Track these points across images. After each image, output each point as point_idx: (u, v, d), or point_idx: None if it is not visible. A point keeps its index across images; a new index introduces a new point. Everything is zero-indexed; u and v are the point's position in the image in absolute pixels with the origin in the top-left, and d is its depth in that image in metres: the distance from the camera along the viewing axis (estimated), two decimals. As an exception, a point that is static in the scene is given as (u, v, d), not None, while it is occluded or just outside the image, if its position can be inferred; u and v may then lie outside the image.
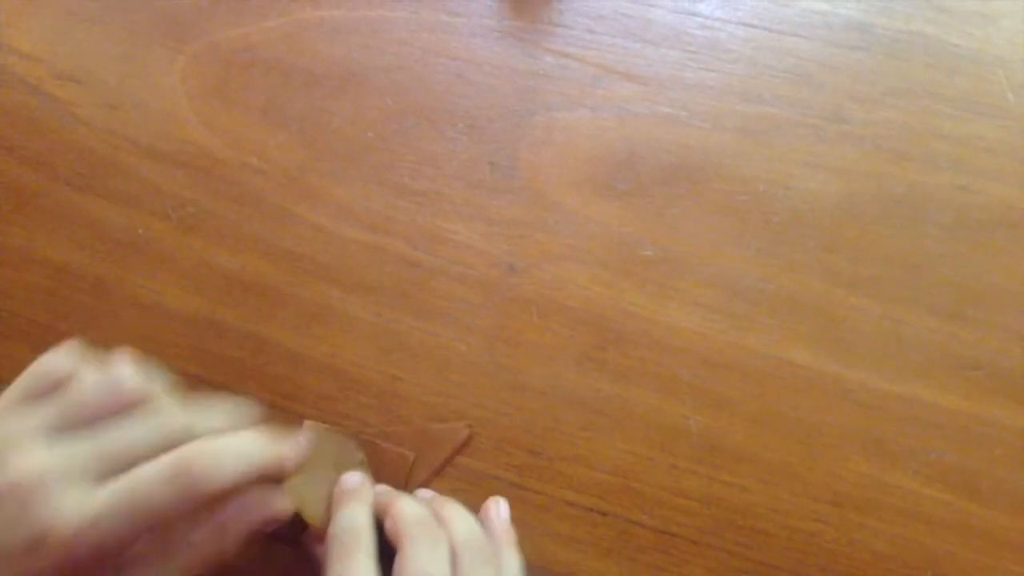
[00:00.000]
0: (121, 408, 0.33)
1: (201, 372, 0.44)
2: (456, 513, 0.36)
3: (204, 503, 0.31)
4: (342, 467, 0.38)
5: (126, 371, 0.33)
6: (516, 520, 0.39)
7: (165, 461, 0.31)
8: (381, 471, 0.40)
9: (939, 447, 0.41)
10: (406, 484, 0.41)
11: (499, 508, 0.39)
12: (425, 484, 0.41)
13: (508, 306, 0.44)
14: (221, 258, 0.45)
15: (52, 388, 0.33)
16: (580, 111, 0.46)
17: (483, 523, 0.37)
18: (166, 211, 0.46)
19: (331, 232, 0.45)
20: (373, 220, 0.45)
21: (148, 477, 0.31)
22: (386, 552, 0.34)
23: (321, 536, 0.35)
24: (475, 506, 0.38)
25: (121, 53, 0.49)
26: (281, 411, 0.43)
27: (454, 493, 0.40)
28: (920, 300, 0.42)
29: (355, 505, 0.35)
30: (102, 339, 0.43)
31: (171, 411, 0.33)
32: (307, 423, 0.41)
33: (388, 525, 0.34)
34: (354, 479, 0.37)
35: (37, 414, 0.32)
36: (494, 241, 0.45)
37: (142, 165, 0.47)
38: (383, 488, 0.38)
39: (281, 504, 0.34)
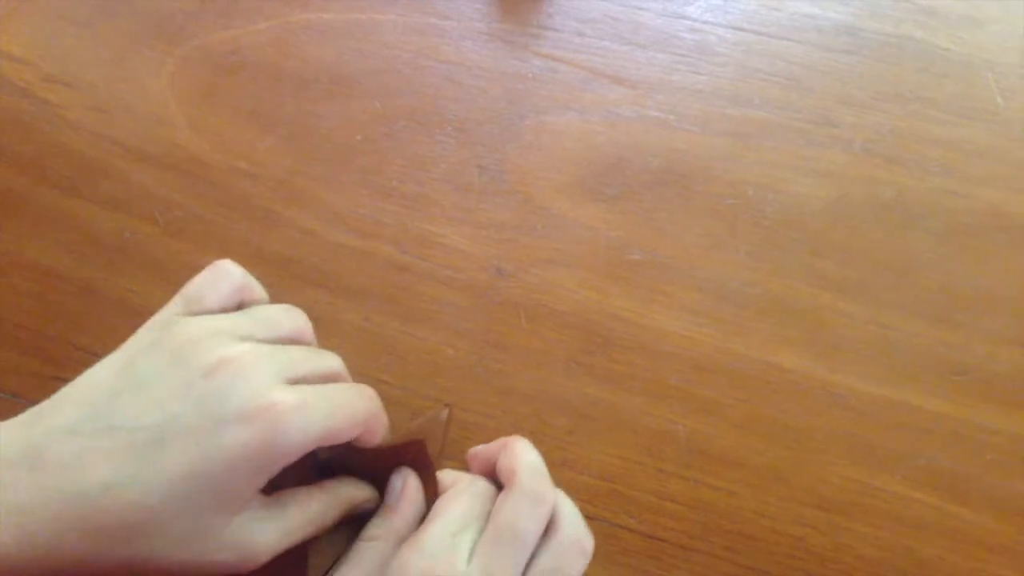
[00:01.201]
0: (299, 339, 0.35)
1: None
2: (566, 500, 0.36)
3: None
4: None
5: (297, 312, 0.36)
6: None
7: (353, 385, 0.35)
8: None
9: (927, 451, 0.41)
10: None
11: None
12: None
13: (496, 310, 0.44)
14: (209, 262, 0.44)
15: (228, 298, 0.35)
16: (569, 114, 0.46)
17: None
18: (154, 215, 0.46)
19: (319, 236, 0.45)
20: (361, 224, 0.45)
21: (345, 390, 0.34)
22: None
23: None
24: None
25: (110, 57, 0.49)
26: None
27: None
28: (908, 305, 0.42)
29: None
30: (90, 343, 0.43)
31: (329, 354, 0.36)
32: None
33: (503, 461, 0.35)
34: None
35: (228, 319, 0.34)
36: (482, 245, 0.45)
37: (130, 169, 0.47)
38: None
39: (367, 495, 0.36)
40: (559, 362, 0.43)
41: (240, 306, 0.36)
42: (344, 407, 0.33)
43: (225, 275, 0.35)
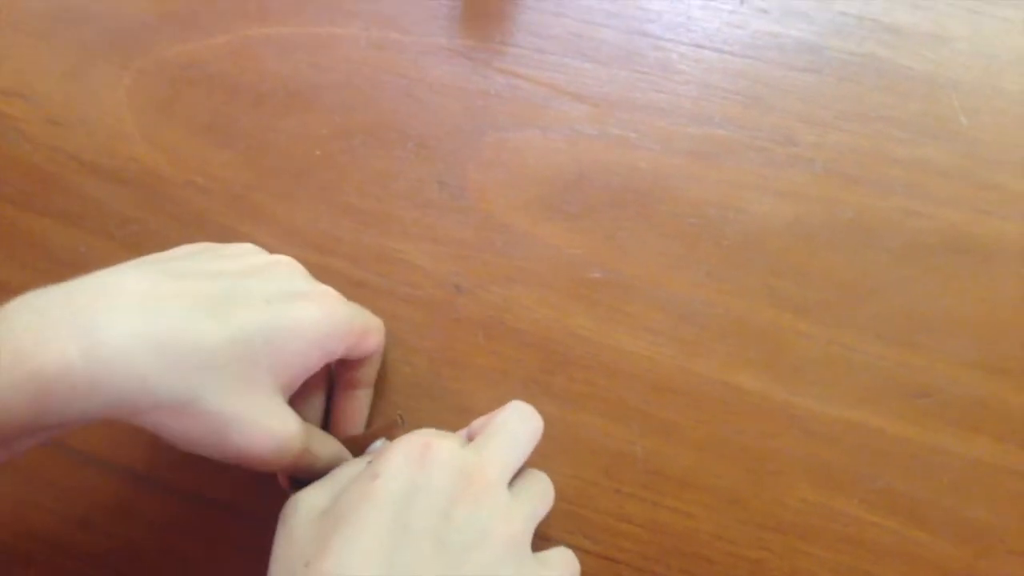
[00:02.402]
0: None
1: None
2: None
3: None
4: None
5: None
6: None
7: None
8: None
9: (886, 475, 0.40)
10: None
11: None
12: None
13: (454, 327, 0.43)
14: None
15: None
16: (530, 131, 0.45)
17: None
18: (109, 229, 0.45)
19: (275, 251, 0.44)
20: (318, 240, 0.45)
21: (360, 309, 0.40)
22: None
23: None
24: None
25: (67, 69, 0.48)
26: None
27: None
28: (869, 326, 0.42)
29: None
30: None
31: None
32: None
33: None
34: None
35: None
36: (441, 262, 0.44)
37: (86, 183, 0.46)
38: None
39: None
40: (517, 381, 0.43)
41: None
42: (369, 316, 0.40)
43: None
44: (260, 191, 0.45)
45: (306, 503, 0.34)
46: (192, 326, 0.31)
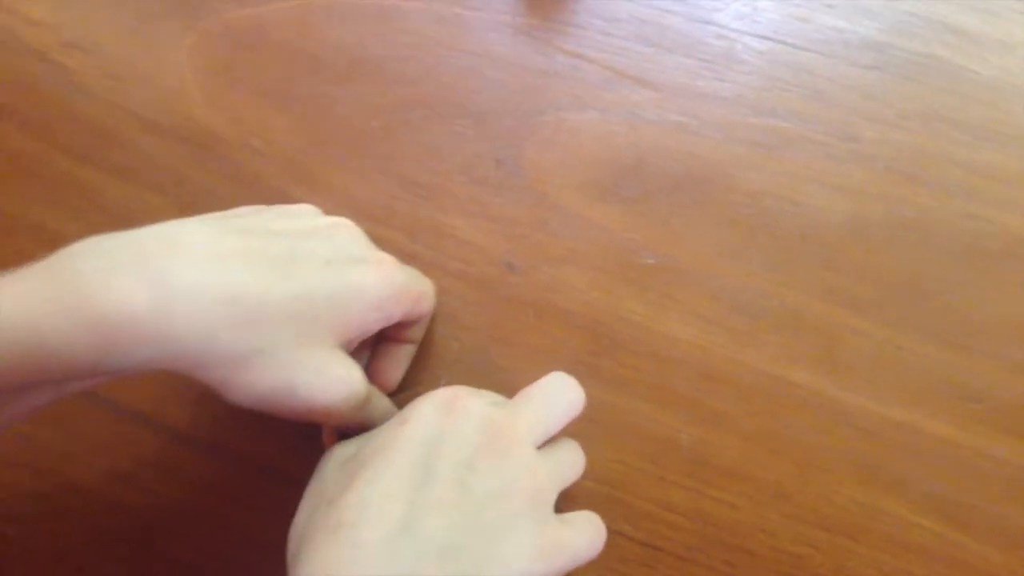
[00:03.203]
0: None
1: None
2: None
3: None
4: None
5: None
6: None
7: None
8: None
9: (933, 477, 0.40)
10: None
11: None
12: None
13: (505, 305, 0.43)
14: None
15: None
16: (589, 113, 0.45)
17: None
18: (164, 187, 0.45)
19: (330, 219, 0.44)
20: (372, 210, 0.44)
21: (415, 273, 0.41)
22: None
23: None
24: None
25: (130, 25, 0.48)
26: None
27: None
28: (924, 327, 0.42)
29: None
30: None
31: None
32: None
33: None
34: None
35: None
36: (494, 239, 0.44)
37: (142, 139, 0.46)
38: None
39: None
40: (565, 362, 0.42)
41: None
42: (423, 280, 0.40)
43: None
44: (317, 157, 0.45)
45: (339, 450, 0.35)
46: (257, 281, 0.31)
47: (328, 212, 0.43)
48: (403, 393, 0.41)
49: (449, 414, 0.33)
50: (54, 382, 0.30)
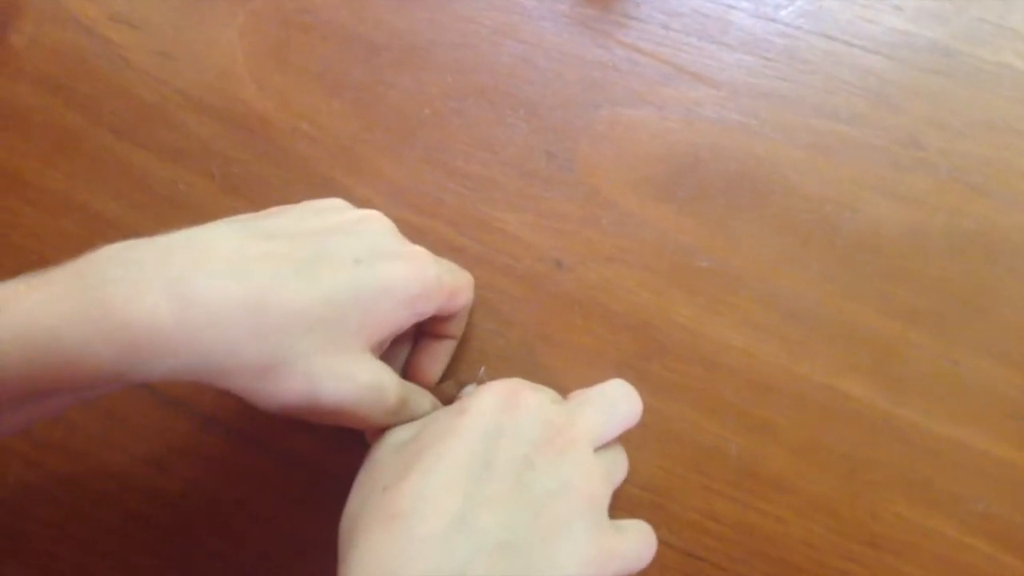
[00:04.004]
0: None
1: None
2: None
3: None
4: None
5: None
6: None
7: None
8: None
9: (986, 497, 0.39)
10: None
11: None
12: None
13: (551, 303, 0.42)
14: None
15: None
16: (646, 109, 0.44)
17: None
18: (210, 169, 0.44)
19: (376, 207, 0.43)
20: (420, 200, 0.44)
21: (450, 266, 0.39)
22: None
23: None
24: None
25: (180, 2, 0.47)
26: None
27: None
28: (982, 343, 0.40)
29: None
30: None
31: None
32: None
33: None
34: None
35: None
36: (543, 235, 0.43)
37: (190, 119, 0.45)
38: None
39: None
40: (611, 364, 0.41)
41: None
42: (459, 274, 0.39)
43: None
44: (366, 144, 0.44)
45: (392, 436, 0.34)
46: (281, 288, 0.30)
47: (375, 201, 0.43)
48: (443, 383, 0.41)
49: (509, 408, 0.32)
50: (74, 389, 0.30)
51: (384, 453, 0.33)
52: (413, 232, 0.43)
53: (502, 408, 0.32)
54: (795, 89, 0.44)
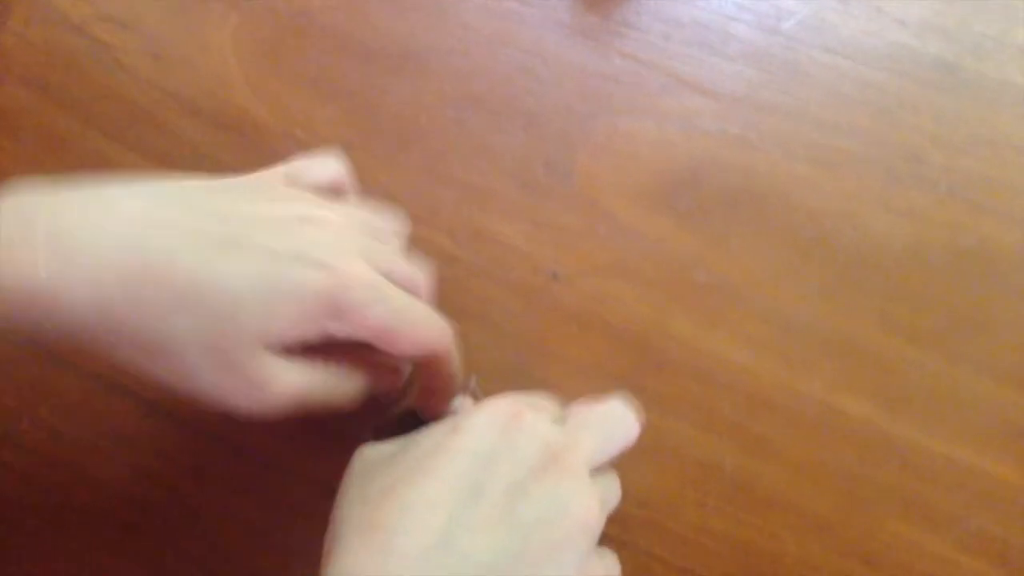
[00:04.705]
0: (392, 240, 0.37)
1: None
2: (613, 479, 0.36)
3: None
4: None
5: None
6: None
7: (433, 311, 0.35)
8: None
9: (983, 517, 0.39)
10: None
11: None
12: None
13: (547, 315, 0.42)
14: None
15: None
16: (646, 120, 0.43)
17: None
18: (201, 174, 0.43)
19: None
20: (416, 209, 0.43)
21: (422, 307, 0.34)
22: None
23: None
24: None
25: (173, 2, 0.46)
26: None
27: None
28: (982, 361, 0.40)
29: None
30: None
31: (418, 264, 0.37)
32: None
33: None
34: None
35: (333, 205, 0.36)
36: (540, 246, 0.42)
37: (181, 122, 0.44)
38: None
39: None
40: (608, 377, 0.41)
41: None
42: (412, 316, 0.33)
43: (330, 165, 0.37)
44: (361, 151, 0.43)
45: (375, 449, 0.33)
46: (171, 260, 0.29)
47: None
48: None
49: (507, 431, 0.31)
50: None
51: (367, 467, 0.32)
52: (408, 241, 0.42)
53: (499, 431, 0.31)
54: (796, 103, 0.43)
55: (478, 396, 0.40)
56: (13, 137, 0.45)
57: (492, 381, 0.41)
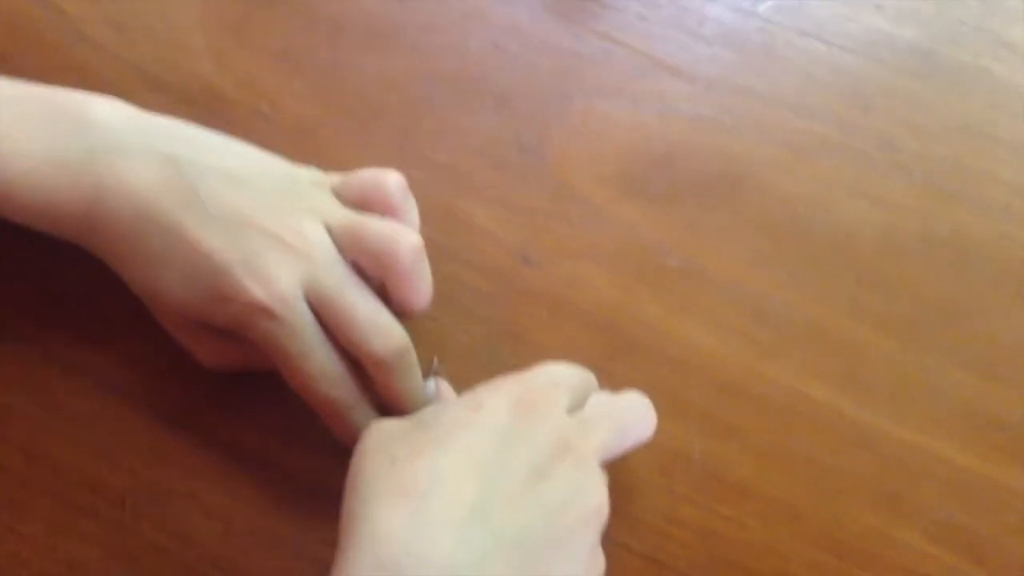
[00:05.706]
0: None
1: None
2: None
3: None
4: None
5: None
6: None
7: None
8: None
9: (950, 506, 0.39)
10: None
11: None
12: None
13: (518, 299, 0.41)
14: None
15: None
16: (620, 102, 0.43)
17: None
18: (164, 149, 0.43)
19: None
20: (384, 188, 0.42)
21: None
22: None
23: None
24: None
25: (137, -29, 0.45)
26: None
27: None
28: (952, 350, 0.40)
29: None
30: (87, 271, 0.40)
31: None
32: None
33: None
34: None
35: None
36: (511, 228, 0.42)
37: (145, 96, 0.43)
38: None
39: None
40: (577, 362, 0.40)
41: None
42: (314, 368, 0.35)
43: (382, 183, 0.38)
44: (329, 128, 0.43)
45: (390, 422, 0.33)
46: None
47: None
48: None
49: (525, 418, 0.32)
50: None
51: (386, 434, 0.32)
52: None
53: (517, 415, 0.32)
54: (771, 86, 0.43)
55: (440, 374, 0.40)
56: (-31, 109, 0.43)
57: (462, 366, 0.40)
